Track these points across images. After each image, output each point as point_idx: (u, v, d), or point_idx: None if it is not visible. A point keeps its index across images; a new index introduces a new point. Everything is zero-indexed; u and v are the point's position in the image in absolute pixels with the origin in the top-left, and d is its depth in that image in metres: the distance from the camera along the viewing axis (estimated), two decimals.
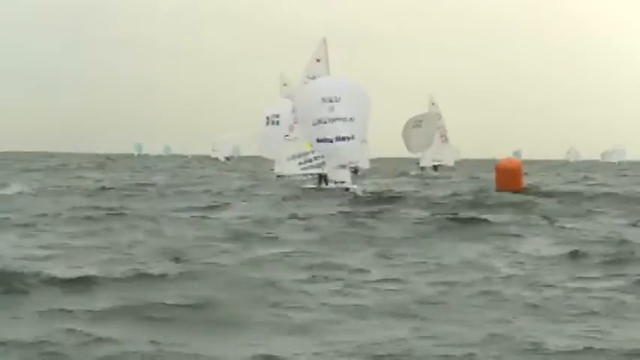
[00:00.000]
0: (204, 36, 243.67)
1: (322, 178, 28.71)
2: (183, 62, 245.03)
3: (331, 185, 27.71)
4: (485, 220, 17.35)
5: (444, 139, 52.72)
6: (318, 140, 26.37)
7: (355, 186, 27.64)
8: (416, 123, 49.99)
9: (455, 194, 26.81)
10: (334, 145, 26.12)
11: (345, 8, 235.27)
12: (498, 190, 26.99)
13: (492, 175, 30.19)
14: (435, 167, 51.65)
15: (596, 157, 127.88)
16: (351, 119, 26.16)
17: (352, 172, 28.82)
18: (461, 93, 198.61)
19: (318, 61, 29.71)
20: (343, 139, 26.07)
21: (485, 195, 25.19)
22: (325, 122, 26.08)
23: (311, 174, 30.15)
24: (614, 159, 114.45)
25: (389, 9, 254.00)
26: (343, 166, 27.42)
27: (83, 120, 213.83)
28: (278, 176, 33.99)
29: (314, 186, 28.74)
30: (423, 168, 51.07)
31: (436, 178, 44.30)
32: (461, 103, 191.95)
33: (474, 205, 21.97)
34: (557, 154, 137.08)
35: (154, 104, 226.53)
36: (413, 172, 49.34)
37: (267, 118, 32.72)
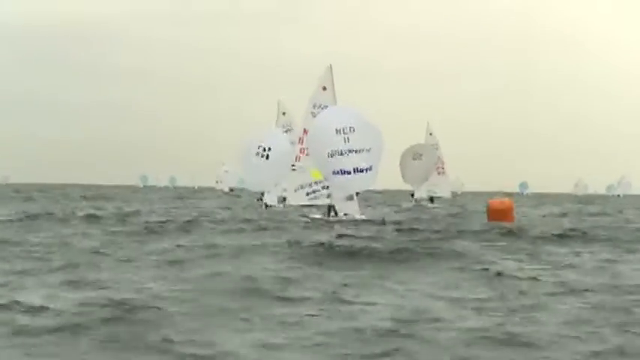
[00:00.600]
0: (211, 68, 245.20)
1: (330, 208, 27.91)
2: (189, 94, 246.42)
3: (341, 216, 27.05)
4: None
5: (441, 170, 52.08)
6: (334, 172, 25.89)
7: (364, 216, 27.30)
8: (416, 155, 49.22)
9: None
10: (351, 177, 25.71)
11: (339, 40, 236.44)
12: None
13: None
14: (432, 199, 50.85)
15: (604, 190, 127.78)
16: (368, 150, 25.78)
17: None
18: (465, 124, 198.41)
19: (324, 89, 29.29)
20: (361, 170, 25.70)
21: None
22: (341, 154, 25.72)
23: (317, 205, 29.56)
24: (620, 192, 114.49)
25: (381, 40, 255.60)
26: (351, 197, 26.99)
27: (89, 151, 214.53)
28: (267, 206, 33.76)
29: (321, 216, 27.91)
30: (417, 200, 50.34)
31: (434, 209, 43.96)
32: (467, 134, 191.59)
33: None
34: (565, 186, 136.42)
35: (160, 136, 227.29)
36: (406, 205, 48.53)
37: (259, 147, 32.19)
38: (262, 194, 35.67)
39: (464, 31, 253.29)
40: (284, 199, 35.83)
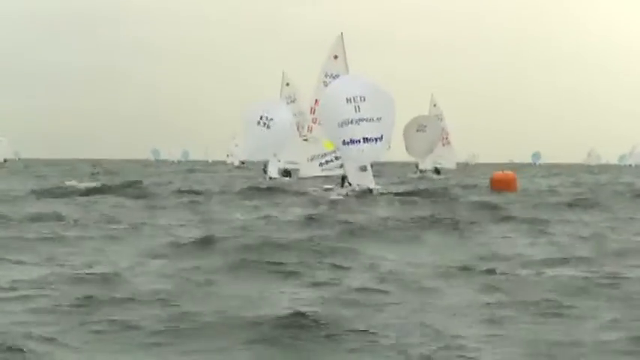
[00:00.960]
0: (219, 39, 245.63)
1: (344, 179, 27.55)
2: (201, 68, 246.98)
3: (354, 187, 26.57)
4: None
5: (446, 141, 51.70)
6: (344, 142, 25.71)
7: (379, 187, 26.82)
8: (420, 127, 48.77)
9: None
10: (361, 147, 25.49)
11: (341, 8, 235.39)
12: None
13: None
14: (438, 170, 50.53)
15: (616, 160, 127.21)
16: (379, 119, 25.52)
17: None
18: (478, 96, 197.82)
19: (335, 57, 29.02)
20: (371, 140, 25.47)
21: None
22: (351, 123, 25.45)
23: (330, 175, 29.15)
24: (632, 162, 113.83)
25: (387, 11, 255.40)
26: (364, 168, 26.50)
27: (97, 125, 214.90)
28: (270, 178, 33.66)
29: (334, 187, 27.50)
30: (422, 171, 49.99)
31: (439, 180, 43.68)
32: (480, 106, 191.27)
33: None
34: (578, 156, 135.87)
35: (172, 110, 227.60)
36: (410, 176, 48.00)
37: (261, 117, 32.27)
38: (266, 166, 35.83)
39: (471, 4, 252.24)
40: (285, 171, 35.80)
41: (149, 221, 16.58)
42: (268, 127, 31.89)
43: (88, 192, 26.86)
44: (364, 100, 25.60)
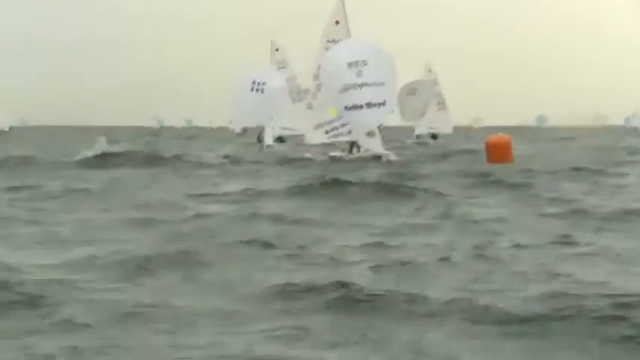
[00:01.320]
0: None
1: (353, 145, 27.31)
2: (208, 33, 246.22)
3: (362, 153, 26.38)
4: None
5: (442, 106, 51.40)
6: (347, 108, 25.43)
7: (386, 152, 26.40)
8: (410, 90, 48.44)
9: None
10: (363, 112, 25.19)
11: None
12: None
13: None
14: (434, 136, 50.27)
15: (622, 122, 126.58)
16: (382, 83, 25.21)
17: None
18: (485, 59, 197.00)
19: (337, 23, 28.63)
20: (374, 105, 25.16)
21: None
22: (353, 88, 25.20)
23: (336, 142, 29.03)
24: (637, 124, 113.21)
25: None
26: (372, 134, 26.14)
27: (99, 93, 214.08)
28: (267, 146, 33.53)
29: (342, 154, 27.19)
30: (418, 136, 49.82)
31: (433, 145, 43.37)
32: (485, 68, 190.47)
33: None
34: (584, 118, 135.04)
35: (175, 75, 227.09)
36: (409, 141, 47.80)
37: (254, 82, 32.34)
38: (260, 134, 35.93)
39: None
40: (279, 137, 35.84)
41: (138, 194, 16.44)
42: (262, 91, 32.07)
43: (88, 162, 26.53)
44: (366, 64, 25.32)
